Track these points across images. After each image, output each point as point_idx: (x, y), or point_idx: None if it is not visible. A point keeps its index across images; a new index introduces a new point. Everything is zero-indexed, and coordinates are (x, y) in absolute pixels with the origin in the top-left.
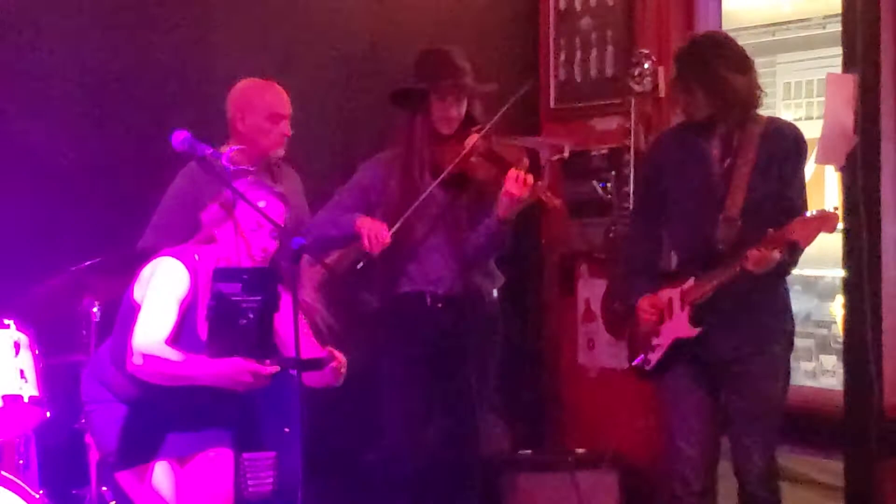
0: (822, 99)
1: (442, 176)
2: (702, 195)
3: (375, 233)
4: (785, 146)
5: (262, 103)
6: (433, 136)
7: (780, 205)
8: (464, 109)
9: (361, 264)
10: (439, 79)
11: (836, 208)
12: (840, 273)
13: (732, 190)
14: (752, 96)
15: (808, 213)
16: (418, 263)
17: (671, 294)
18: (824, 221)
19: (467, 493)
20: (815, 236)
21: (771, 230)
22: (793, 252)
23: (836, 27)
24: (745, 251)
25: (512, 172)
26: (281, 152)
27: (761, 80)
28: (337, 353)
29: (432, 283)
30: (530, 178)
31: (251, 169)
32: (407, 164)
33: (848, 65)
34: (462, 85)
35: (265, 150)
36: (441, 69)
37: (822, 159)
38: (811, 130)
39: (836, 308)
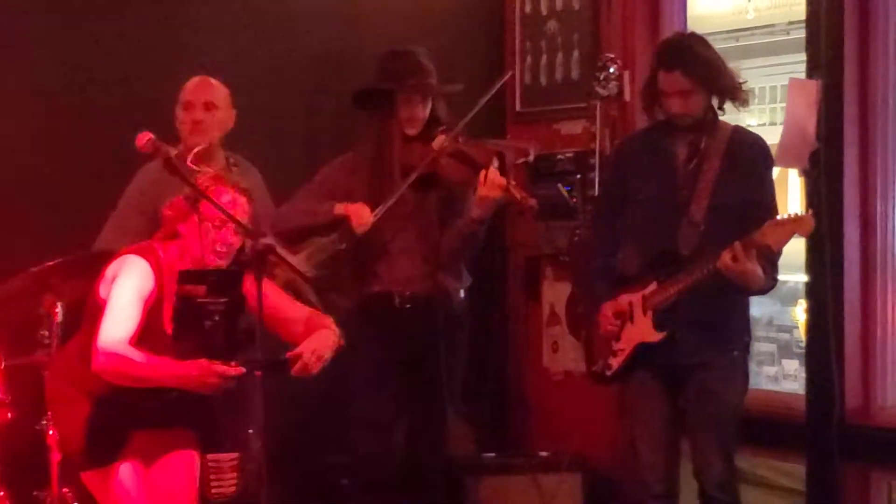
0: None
1: (414, 175)
2: (666, 198)
3: (361, 214)
4: (751, 155)
5: (181, 94)
6: (400, 137)
7: (747, 212)
8: (429, 110)
9: (344, 245)
10: (405, 78)
11: (810, 211)
12: (803, 278)
13: (697, 194)
14: (739, 82)
15: (781, 216)
16: (387, 264)
17: (631, 298)
18: (798, 224)
19: (432, 494)
20: (787, 240)
21: (748, 234)
22: (768, 258)
23: (801, 34)
24: (708, 256)
25: (486, 173)
26: (200, 143)
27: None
28: (304, 351)
29: (400, 284)
30: (502, 178)
31: (212, 171)
32: (377, 164)
33: (812, 70)
34: (428, 85)
35: (185, 142)
36: (407, 69)
37: (782, 162)
38: (774, 136)
39: (799, 313)
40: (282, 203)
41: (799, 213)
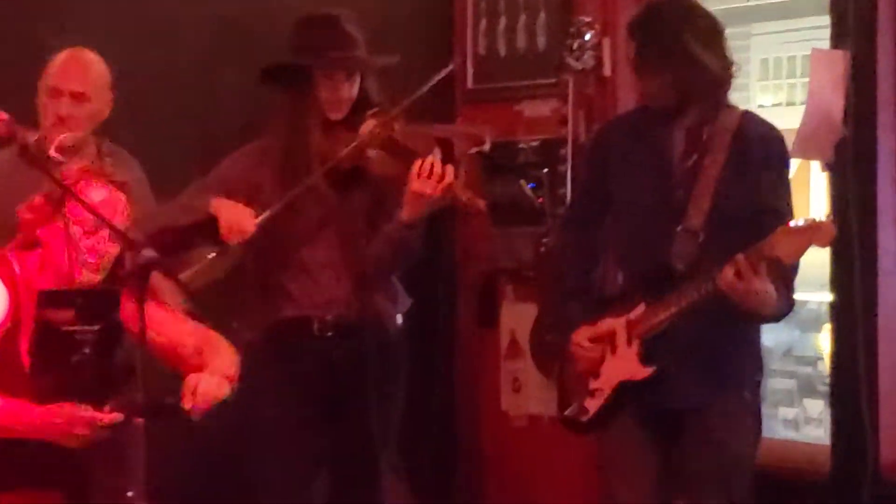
0: (807, 80)
1: (328, 165)
2: (657, 200)
3: (237, 218)
4: (763, 148)
5: (46, 75)
6: (320, 122)
7: (756, 218)
8: (356, 89)
9: (213, 255)
10: (325, 51)
11: (829, 217)
12: (827, 297)
13: (696, 195)
14: (726, 76)
15: (794, 223)
16: (304, 281)
17: (615, 324)
18: (815, 233)
19: None
20: (802, 252)
21: (755, 246)
22: (781, 275)
23: None
24: (709, 272)
25: (418, 164)
26: (65, 140)
27: (734, 55)
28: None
29: (321, 307)
30: (446, 172)
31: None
32: (290, 156)
33: (838, 38)
34: (354, 58)
35: (46, 134)
36: (327, 39)
37: (800, 152)
38: (793, 119)
39: (823, 341)
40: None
41: (816, 219)
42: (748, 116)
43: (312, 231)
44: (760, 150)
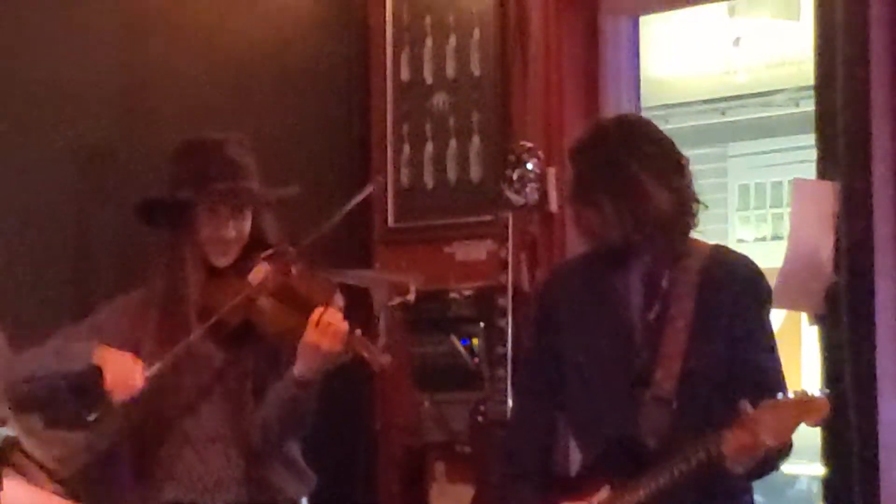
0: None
1: (209, 322)
2: (618, 364)
3: (124, 369)
4: (737, 289)
5: None
6: (204, 269)
7: (737, 377)
8: (247, 227)
9: (94, 416)
10: (207, 182)
11: (823, 391)
12: (819, 471)
13: (664, 356)
14: (683, 216)
15: (782, 397)
16: (187, 458)
17: None
18: (804, 410)
19: None
20: (790, 432)
21: (741, 411)
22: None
23: (812, 104)
24: (691, 444)
25: (316, 314)
26: None
27: (701, 183)
28: None
29: (208, 490)
30: (342, 323)
31: None
32: (167, 310)
33: (825, 166)
34: (241, 190)
35: None
36: (209, 168)
37: (784, 302)
38: (780, 256)
39: None
40: None
41: (808, 393)
42: (717, 252)
43: (196, 397)
44: (733, 291)
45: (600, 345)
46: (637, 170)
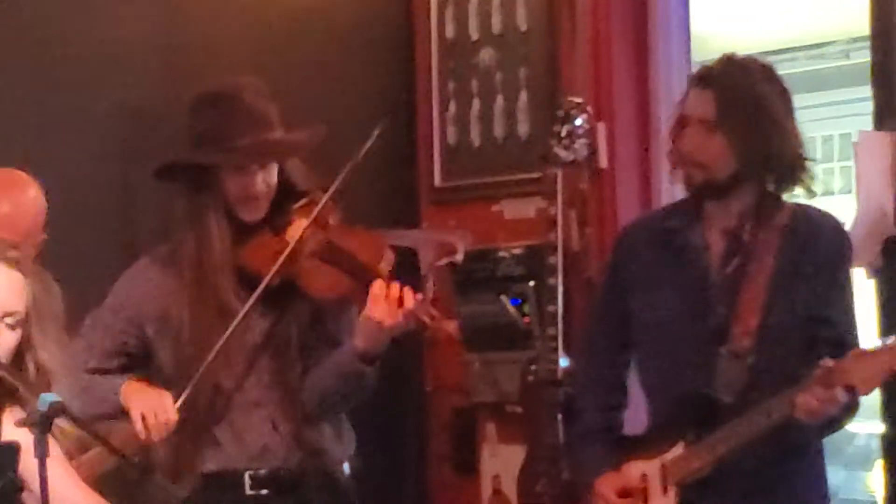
0: (845, 164)
1: (257, 294)
2: (694, 317)
3: (157, 410)
4: (821, 247)
5: None
6: (232, 227)
7: (815, 335)
8: (274, 177)
9: (138, 459)
10: (231, 139)
11: None
12: (879, 428)
13: (742, 309)
14: (803, 161)
15: (875, 345)
16: (231, 425)
17: (646, 468)
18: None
19: None
20: (881, 381)
21: (821, 366)
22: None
23: (866, 55)
24: (766, 402)
25: (377, 286)
26: None
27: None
28: None
29: (254, 458)
30: (410, 298)
31: None
32: (197, 272)
33: (882, 116)
34: (267, 144)
35: None
36: (231, 122)
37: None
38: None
39: (875, 481)
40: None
41: None
42: (801, 209)
43: (240, 364)
44: (818, 249)
45: (675, 300)
46: (779, 106)
